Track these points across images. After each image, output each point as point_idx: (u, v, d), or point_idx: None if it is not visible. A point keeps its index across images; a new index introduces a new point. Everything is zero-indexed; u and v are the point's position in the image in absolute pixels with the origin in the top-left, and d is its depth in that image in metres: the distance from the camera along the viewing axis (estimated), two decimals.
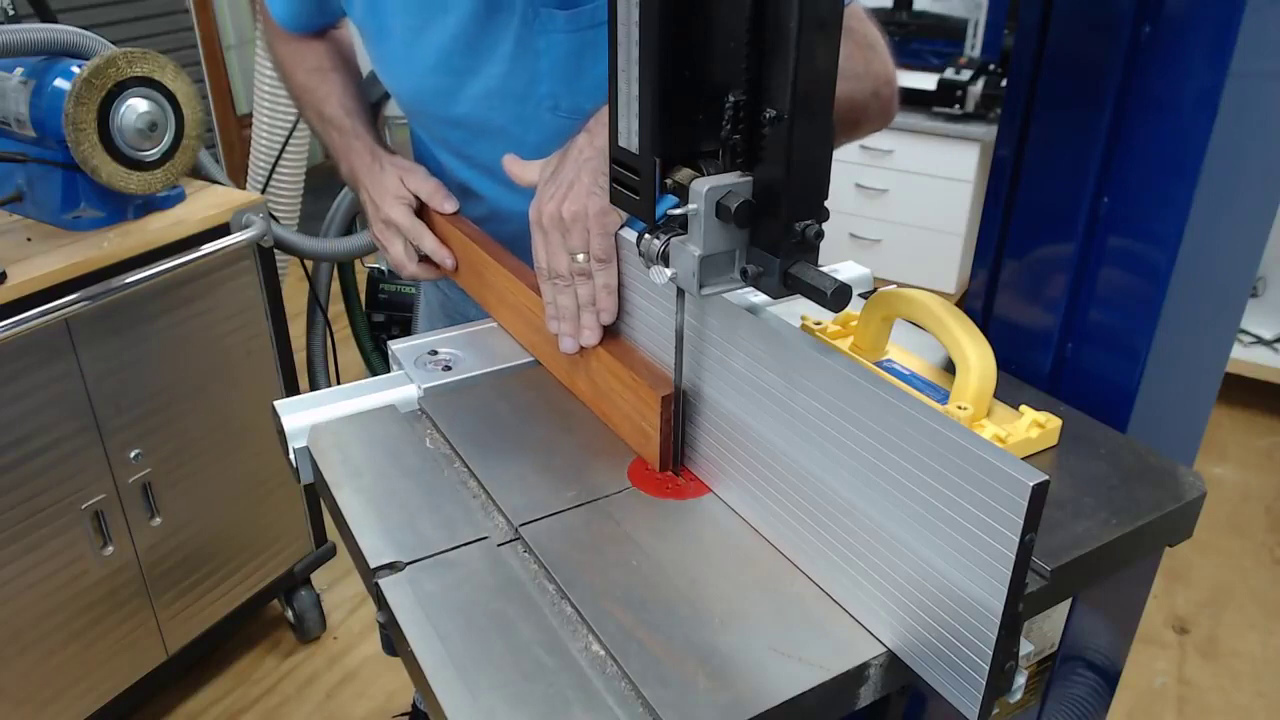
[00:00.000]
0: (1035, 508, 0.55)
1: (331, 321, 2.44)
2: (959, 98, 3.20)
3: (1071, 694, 0.97)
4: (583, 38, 0.99)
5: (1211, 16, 0.77)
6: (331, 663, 2.10)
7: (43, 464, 1.50)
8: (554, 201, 0.87)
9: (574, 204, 0.86)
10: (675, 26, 0.66)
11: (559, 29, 0.99)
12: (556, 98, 1.03)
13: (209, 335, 1.72)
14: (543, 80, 1.03)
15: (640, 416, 0.85)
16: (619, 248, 0.87)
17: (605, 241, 0.86)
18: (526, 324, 1.01)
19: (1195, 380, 1.01)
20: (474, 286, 1.10)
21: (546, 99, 1.04)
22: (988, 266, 1.00)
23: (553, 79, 1.02)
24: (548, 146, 1.04)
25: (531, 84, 1.03)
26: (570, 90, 1.03)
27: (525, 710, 0.62)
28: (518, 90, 1.04)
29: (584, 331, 0.90)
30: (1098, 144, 0.87)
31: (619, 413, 0.89)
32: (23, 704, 1.57)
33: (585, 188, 0.86)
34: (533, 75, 1.02)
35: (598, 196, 0.85)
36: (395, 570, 0.74)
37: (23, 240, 1.52)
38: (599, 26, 0.98)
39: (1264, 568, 2.41)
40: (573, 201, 0.86)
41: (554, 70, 1.02)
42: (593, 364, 0.91)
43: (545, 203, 0.88)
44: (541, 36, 1.00)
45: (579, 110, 1.04)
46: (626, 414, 0.88)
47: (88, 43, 1.52)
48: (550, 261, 0.89)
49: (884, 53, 1.00)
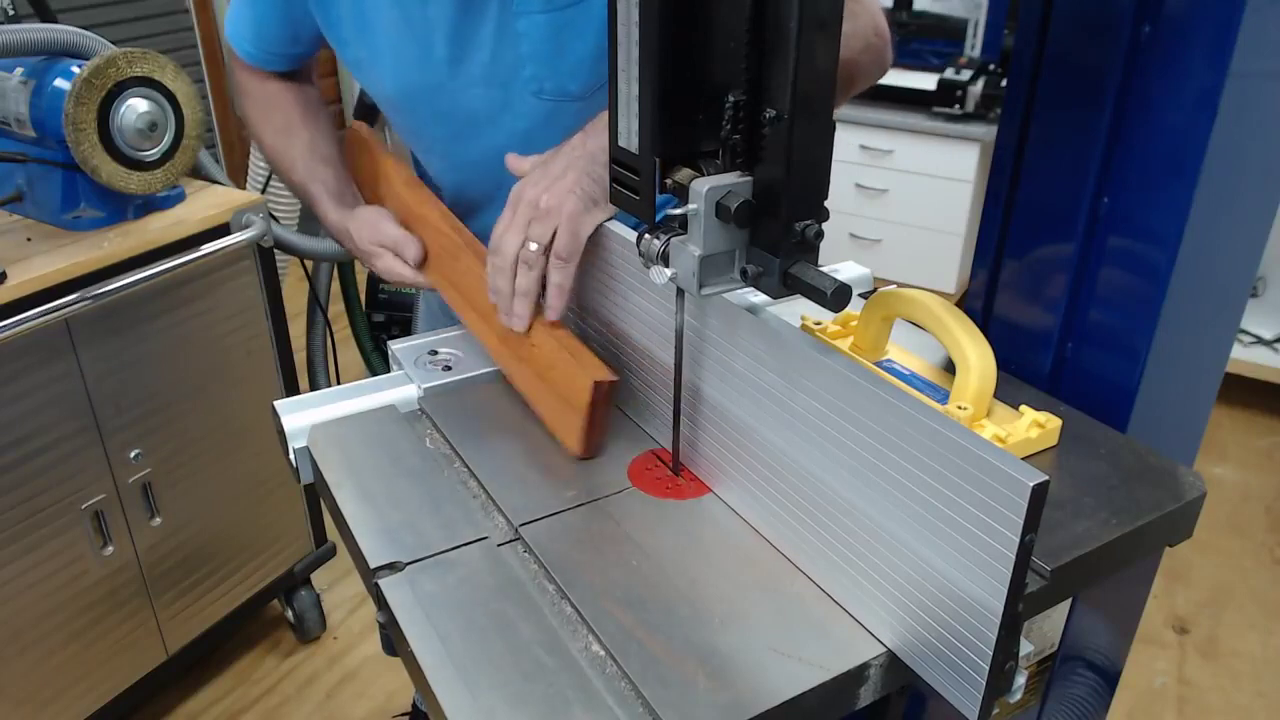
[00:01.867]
0: (1035, 508, 0.55)
1: (331, 321, 2.44)
2: (959, 98, 3.19)
3: (1071, 694, 0.97)
4: (562, 16, 1.00)
5: (1211, 16, 0.77)
6: (331, 663, 2.10)
7: (43, 464, 1.50)
8: (537, 188, 0.89)
9: (553, 198, 0.88)
10: (675, 26, 0.66)
11: (537, 9, 0.99)
12: (540, 80, 1.04)
13: (209, 335, 1.72)
14: (526, 63, 1.03)
15: (566, 396, 0.86)
16: (615, 254, 0.88)
17: (572, 242, 0.88)
18: (468, 301, 1.02)
19: (1195, 380, 1.01)
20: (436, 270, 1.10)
21: (530, 82, 1.04)
22: (988, 266, 1.00)
23: (535, 61, 1.02)
24: (535, 134, 1.04)
25: (515, 68, 1.03)
26: (553, 71, 1.03)
27: (525, 710, 0.62)
28: (502, 76, 1.04)
29: (514, 318, 0.91)
30: (1098, 144, 0.87)
31: (547, 395, 0.90)
32: (23, 704, 1.57)
33: (568, 185, 0.88)
34: (516, 59, 1.03)
35: (576, 197, 0.87)
36: (395, 570, 0.74)
37: (23, 240, 1.51)
38: (576, 5, 0.99)
39: (1264, 568, 2.41)
40: (553, 195, 0.88)
41: (536, 52, 1.02)
42: (529, 346, 0.92)
43: (529, 186, 0.90)
44: (521, 18, 1.00)
45: (562, 92, 1.04)
46: (553, 395, 0.89)
47: (88, 43, 1.52)
48: (502, 239, 0.90)
49: (870, 2, 0.99)
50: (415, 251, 1.07)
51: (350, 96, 3.57)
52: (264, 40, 1.18)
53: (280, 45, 1.18)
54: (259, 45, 1.18)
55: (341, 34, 1.08)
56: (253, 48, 1.18)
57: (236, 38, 1.19)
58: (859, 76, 0.99)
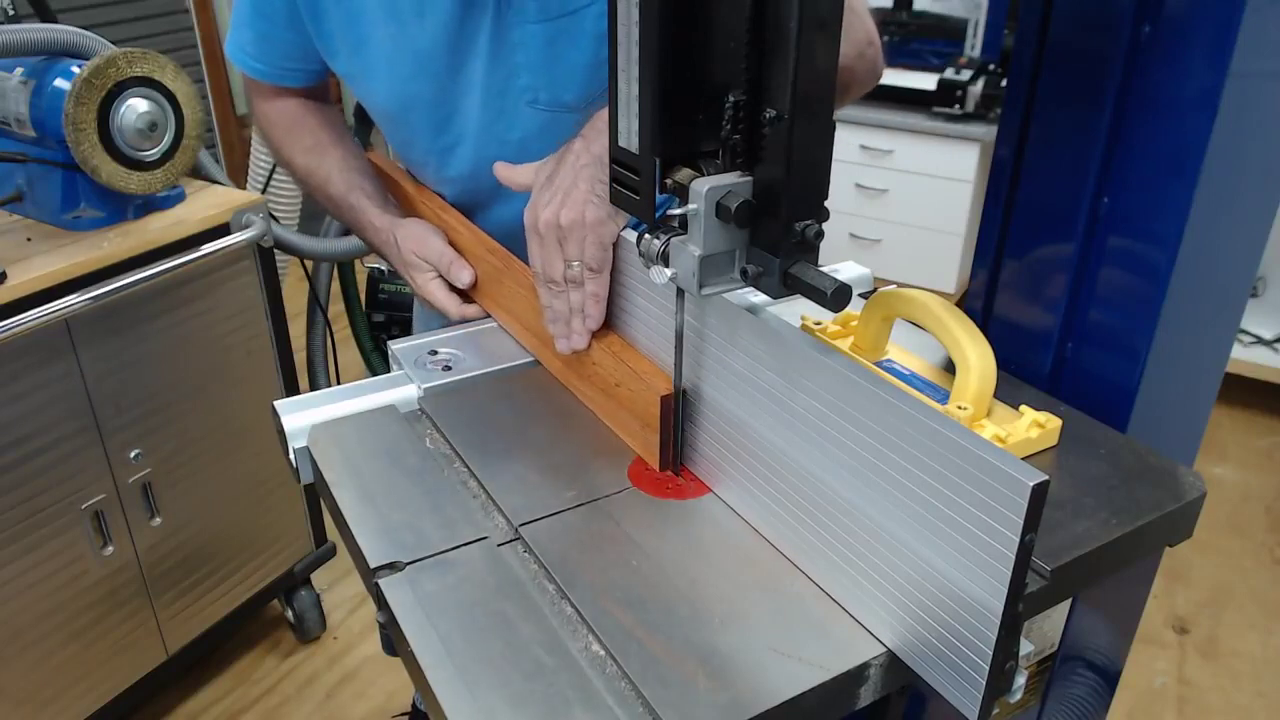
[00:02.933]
0: (1035, 508, 0.55)
1: (331, 321, 2.44)
2: (959, 98, 3.20)
3: (1071, 694, 0.97)
4: (556, 26, 0.99)
5: (1211, 16, 0.77)
6: (331, 663, 2.10)
7: (43, 464, 1.50)
8: (551, 208, 0.86)
9: (572, 211, 0.85)
10: (675, 26, 0.65)
11: (531, 19, 0.99)
12: (535, 90, 1.03)
13: (209, 335, 1.72)
14: (521, 73, 1.02)
15: (640, 415, 0.85)
16: (616, 256, 0.88)
17: (600, 253, 0.86)
18: (525, 326, 1.01)
19: (1195, 380, 1.01)
20: (484, 292, 1.09)
21: (526, 92, 1.04)
22: (988, 266, 1.00)
23: (530, 71, 1.02)
24: (529, 144, 1.03)
25: (510, 78, 1.03)
26: (548, 81, 1.03)
27: (525, 710, 0.62)
28: (497, 86, 1.04)
29: (574, 336, 0.90)
30: (1098, 144, 0.87)
31: (620, 412, 0.89)
32: (23, 704, 1.57)
33: (583, 195, 0.86)
34: (510, 69, 1.02)
35: (595, 205, 0.85)
36: (395, 570, 0.74)
37: (23, 240, 1.52)
38: (571, 15, 0.98)
39: (1264, 568, 2.41)
40: (570, 209, 0.85)
41: (530, 62, 1.02)
42: (591, 365, 0.91)
43: (542, 208, 0.87)
44: (516, 29, 1.00)
45: (557, 102, 1.04)
46: (627, 413, 0.88)
47: (88, 43, 1.52)
48: (547, 268, 0.89)
49: (863, 12, 0.99)
50: (468, 277, 1.05)
51: (350, 99, 3.57)
52: (272, 55, 1.14)
53: (290, 60, 1.14)
54: (268, 61, 1.14)
55: (333, 46, 1.07)
56: (262, 64, 1.15)
57: (243, 56, 1.15)
58: (854, 84, 0.99)
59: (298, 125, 1.19)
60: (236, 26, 1.14)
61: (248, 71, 1.17)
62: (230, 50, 1.16)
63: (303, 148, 1.18)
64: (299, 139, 1.19)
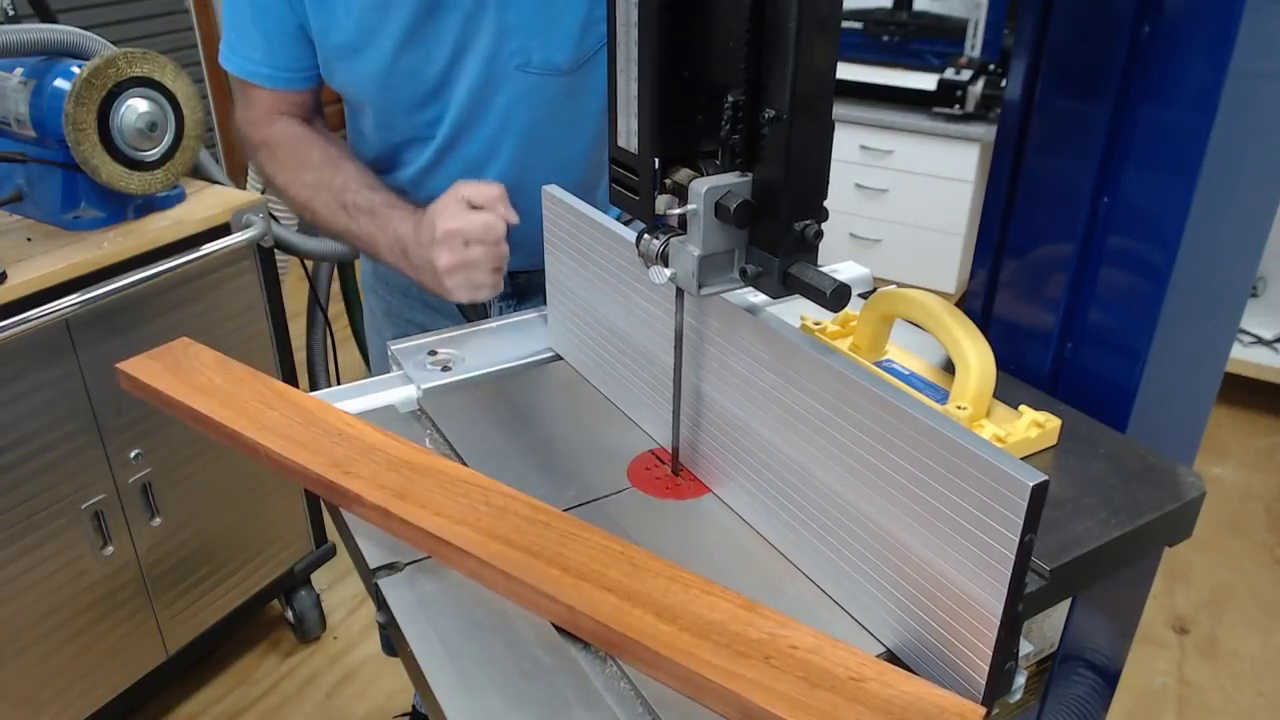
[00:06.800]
0: (1035, 508, 0.55)
1: (331, 321, 2.44)
2: (959, 98, 3.19)
3: (1071, 694, 0.97)
4: None
5: (1211, 16, 0.77)
6: (331, 663, 2.10)
7: (43, 464, 1.50)
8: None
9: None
10: (675, 26, 0.65)
11: None
12: (528, 52, 1.02)
13: (209, 335, 1.71)
14: (513, 35, 1.01)
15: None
16: (617, 255, 0.88)
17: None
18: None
19: (1195, 380, 1.01)
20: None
21: (516, 55, 1.02)
22: (988, 266, 1.00)
23: (524, 32, 1.00)
24: (514, 109, 1.02)
25: (500, 39, 1.02)
26: (542, 43, 1.01)
27: (525, 710, 0.62)
28: (488, 50, 1.02)
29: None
30: (1097, 144, 0.87)
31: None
32: (22, 704, 1.57)
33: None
34: (500, 29, 1.01)
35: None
36: (395, 570, 0.74)
37: (23, 240, 1.51)
38: None
39: (1264, 568, 2.41)
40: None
41: (524, 22, 1.00)
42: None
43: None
44: None
45: (550, 64, 1.02)
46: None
47: (88, 43, 1.52)
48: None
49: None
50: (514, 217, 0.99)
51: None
52: (275, 56, 1.10)
53: (295, 58, 1.10)
54: (273, 64, 1.11)
55: (333, 16, 1.04)
56: (267, 68, 1.11)
57: (244, 62, 1.11)
58: None
59: (304, 142, 1.15)
60: (236, 33, 1.10)
61: (254, 79, 1.12)
62: (231, 62, 1.12)
63: (313, 162, 1.13)
64: (306, 155, 1.14)
